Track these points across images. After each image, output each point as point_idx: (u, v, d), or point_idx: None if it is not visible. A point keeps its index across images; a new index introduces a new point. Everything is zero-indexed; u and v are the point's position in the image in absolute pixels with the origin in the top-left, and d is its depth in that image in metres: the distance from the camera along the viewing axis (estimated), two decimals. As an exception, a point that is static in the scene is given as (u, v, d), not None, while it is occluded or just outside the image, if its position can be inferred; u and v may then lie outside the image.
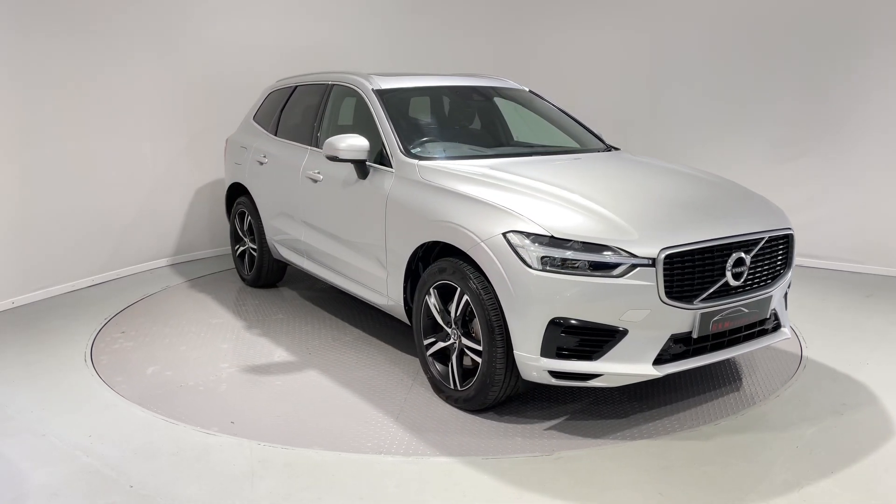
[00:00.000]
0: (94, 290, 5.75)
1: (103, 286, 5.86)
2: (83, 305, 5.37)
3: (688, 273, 3.24)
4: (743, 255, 3.37)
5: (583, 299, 3.13)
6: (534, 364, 3.22)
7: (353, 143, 4.05)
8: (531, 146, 4.80)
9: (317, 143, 4.83)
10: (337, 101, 4.98)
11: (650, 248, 3.15)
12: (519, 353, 3.26)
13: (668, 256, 3.16)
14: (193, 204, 6.73)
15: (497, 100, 5.13)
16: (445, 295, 3.63)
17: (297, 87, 5.47)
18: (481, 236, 3.34)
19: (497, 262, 3.25)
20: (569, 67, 7.46)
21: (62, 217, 5.64)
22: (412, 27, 7.74)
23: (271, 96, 5.76)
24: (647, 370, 3.20)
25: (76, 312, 5.21)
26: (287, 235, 5.09)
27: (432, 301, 3.67)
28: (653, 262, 3.13)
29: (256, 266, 5.63)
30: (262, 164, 5.35)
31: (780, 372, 4.08)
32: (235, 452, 3.23)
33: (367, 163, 4.15)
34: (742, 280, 3.38)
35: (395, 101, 4.49)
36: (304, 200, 4.80)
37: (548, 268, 3.15)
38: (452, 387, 3.62)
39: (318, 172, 4.61)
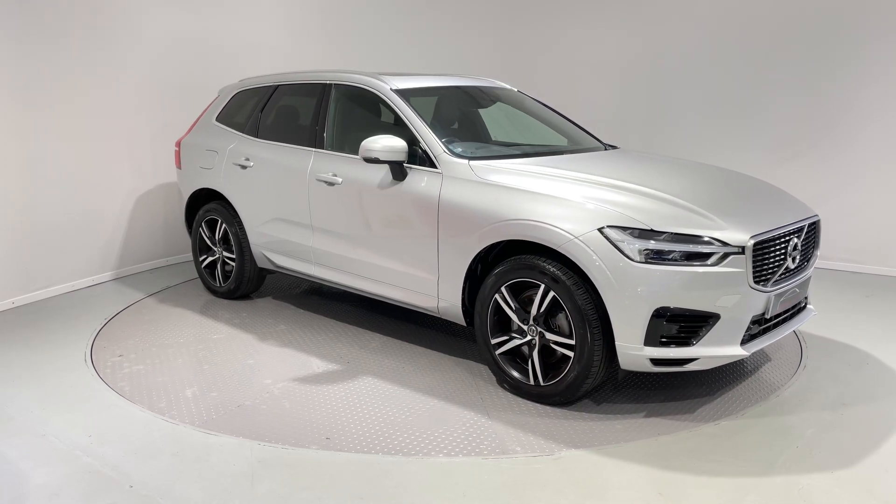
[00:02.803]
0: (94, 290, 5.76)
1: (97, 288, 5.86)
2: (83, 305, 5.37)
3: (766, 259, 3.47)
4: (796, 239, 3.65)
5: (683, 288, 3.27)
6: (637, 353, 3.32)
7: (392, 145, 3.97)
8: (547, 145, 4.84)
9: (322, 145, 4.68)
10: (341, 101, 4.83)
11: (740, 237, 3.34)
12: (621, 344, 3.34)
13: (756, 244, 3.36)
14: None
15: (495, 100, 5.13)
16: (515, 293, 3.66)
17: (277, 86, 5.23)
18: (575, 233, 3.38)
19: (596, 257, 3.32)
20: (567, 68, 7.46)
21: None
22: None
23: (238, 97, 5.48)
24: (736, 351, 3.39)
25: (76, 312, 5.21)
26: (286, 242, 4.87)
27: (504, 299, 3.67)
28: (743, 250, 3.31)
29: (235, 277, 5.29)
30: (244, 167, 5.08)
31: (779, 372, 4.08)
32: (235, 452, 3.23)
33: (404, 164, 4.08)
34: (796, 263, 3.66)
35: (416, 101, 4.43)
36: (317, 204, 4.61)
37: (648, 260, 3.26)
38: (533, 383, 3.64)
39: (335, 175, 4.46)
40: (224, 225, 5.31)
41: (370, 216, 4.32)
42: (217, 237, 5.41)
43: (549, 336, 3.56)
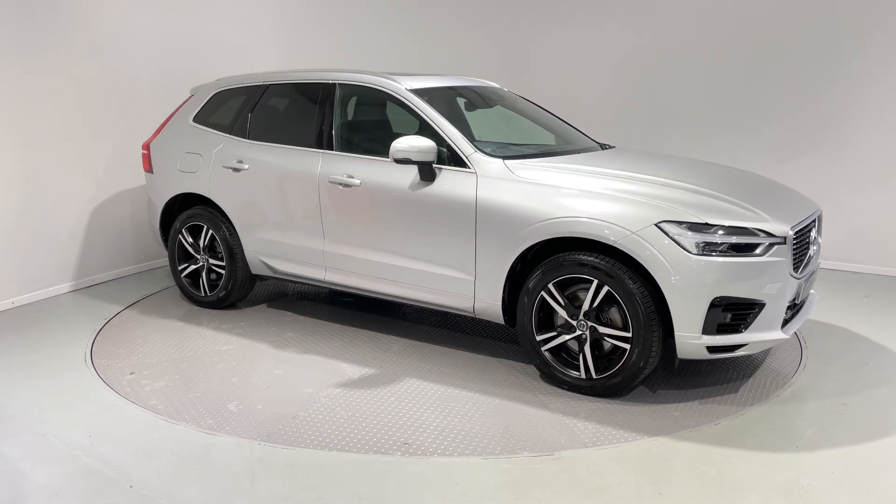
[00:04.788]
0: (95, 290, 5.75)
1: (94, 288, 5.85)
2: (83, 305, 5.37)
3: (799, 248, 3.70)
4: (814, 230, 3.94)
5: (736, 278, 3.43)
6: (695, 342, 3.47)
7: (424, 145, 3.96)
8: (554, 145, 4.85)
9: (331, 146, 4.55)
10: (348, 101, 4.73)
11: (782, 228, 3.54)
12: (680, 334, 3.47)
13: (795, 234, 3.60)
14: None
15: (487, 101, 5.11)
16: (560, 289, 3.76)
17: (268, 86, 5.02)
18: (632, 228, 3.49)
19: (655, 251, 3.44)
20: (566, 67, 7.45)
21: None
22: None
23: (218, 97, 5.24)
24: (778, 335, 3.58)
25: (76, 312, 5.21)
26: (290, 246, 4.72)
27: (552, 296, 3.73)
28: (785, 240, 3.52)
29: (226, 285, 5.05)
30: (237, 170, 4.87)
31: (779, 372, 4.08)
32: (235, 452, 3.23)
33: (433, 164, 4.06)
34: (814, 252, 3.95)
35: (433, 101, 4.39)
36: (329, 208, 4.48)
37: (703, 252, 3.41)
38: (585, 377, 3.72)
39: (351, 177, 4.36)
40: (211, 231, 5.08)
41: (396, 218, 4.24)
42: (202, 244, 5.15)
43: (602, 330, 3.64)
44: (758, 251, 3.47)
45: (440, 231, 4.06)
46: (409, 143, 3.97)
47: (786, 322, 3.67)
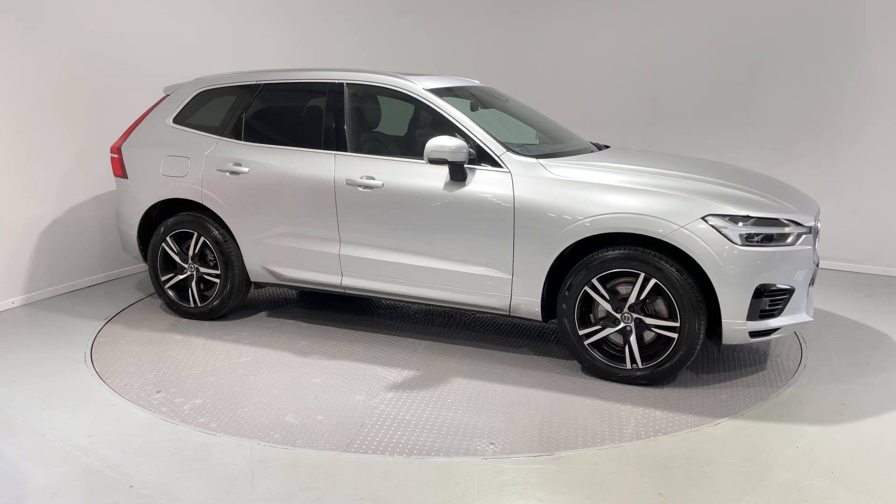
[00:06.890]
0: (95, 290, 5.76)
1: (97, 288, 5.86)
2: (83, 305, 5.37)
3: (814, 238, 3.93)
4: (819, 222, 4.08)
5: (775, 266, 3.66)
6: (740, 328, 3.67)
7: (458, 145, 3.97)
8: (557, 145, 4.81)
9: (344, 147, 4.43)
10: (360, 101, 4.65)
11: (807, 218, 3.80)
12: (728, 321, 3.66)
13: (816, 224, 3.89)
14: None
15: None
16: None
17: (263, 85, 4.80)
18: (680, 222, 3.65)
19: (704, 243, 3.61)
20: (565, 67, 7.45)
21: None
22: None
23: (201, 96, 4.98)
24: (805, 317, 3.85)
25: (76, 312, 5.21)
26: (302, 251, 4.55)
27: (596, 290, 3.84)
28: (810, 230, 3.78)
29: (220, 293, 4.82)
30: (235, 174, 4.66)
31: (780, 372, 4.08)
32: (235, 452, 3.23)
33: (465, 165, 4.05)
34: (818, 242, 4.11)
35: (450, 101, 4.38)
36: (347, 210, 4.36)
37: (746, 243, 3.61)
38: (630, 367, 3.85)
39: (371, 178, 4.28)
40: (202, 238, 4.83)
41: (424, 219, 4.18)
42: (191, 253, 4.88)
43: (649, 321, 3.78)
44: (790, 240, 3.70)
45: (475, 231, 4.06)
46: (443, 144, 3.98)
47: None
